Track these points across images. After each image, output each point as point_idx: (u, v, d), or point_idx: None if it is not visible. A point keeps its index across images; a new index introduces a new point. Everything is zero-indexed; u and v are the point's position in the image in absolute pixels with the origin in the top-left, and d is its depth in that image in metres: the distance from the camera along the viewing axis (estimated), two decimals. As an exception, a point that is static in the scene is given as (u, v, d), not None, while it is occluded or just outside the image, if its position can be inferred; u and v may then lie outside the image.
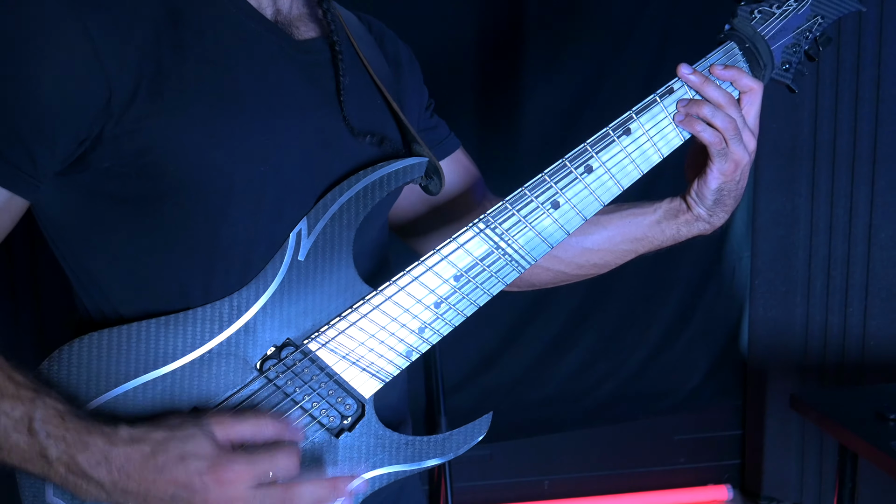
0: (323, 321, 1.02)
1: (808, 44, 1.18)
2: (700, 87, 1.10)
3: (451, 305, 1.05)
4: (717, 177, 1.12)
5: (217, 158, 0.96)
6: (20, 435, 0.87)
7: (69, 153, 0.93)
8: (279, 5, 1.06)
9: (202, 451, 0.88)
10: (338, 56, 1.08)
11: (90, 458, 0.87)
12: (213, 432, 0.90)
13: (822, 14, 1.16)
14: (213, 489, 0.88)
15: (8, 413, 0.87)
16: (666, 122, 1.11)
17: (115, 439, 0.88)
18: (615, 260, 1.27)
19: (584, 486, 3.09)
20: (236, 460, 0.89)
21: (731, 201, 1.16)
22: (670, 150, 1.12)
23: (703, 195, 1.15)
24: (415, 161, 1.06)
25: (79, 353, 0.96)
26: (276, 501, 0.91)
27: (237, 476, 0.89)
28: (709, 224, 1.19)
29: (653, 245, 1.23)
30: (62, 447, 0.87)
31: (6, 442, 0.87)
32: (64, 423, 0.88)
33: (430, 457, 1.06)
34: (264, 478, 0.90)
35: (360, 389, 1.03)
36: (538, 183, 1.07)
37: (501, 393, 2.91)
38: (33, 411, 0.88)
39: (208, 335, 0.98)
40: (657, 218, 1.21)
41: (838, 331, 2.98)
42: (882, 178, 2.89)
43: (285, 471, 0.92)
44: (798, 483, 3.07)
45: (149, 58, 0.93)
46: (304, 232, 1.01)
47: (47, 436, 0.87)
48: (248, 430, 0.93)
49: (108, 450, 0.87)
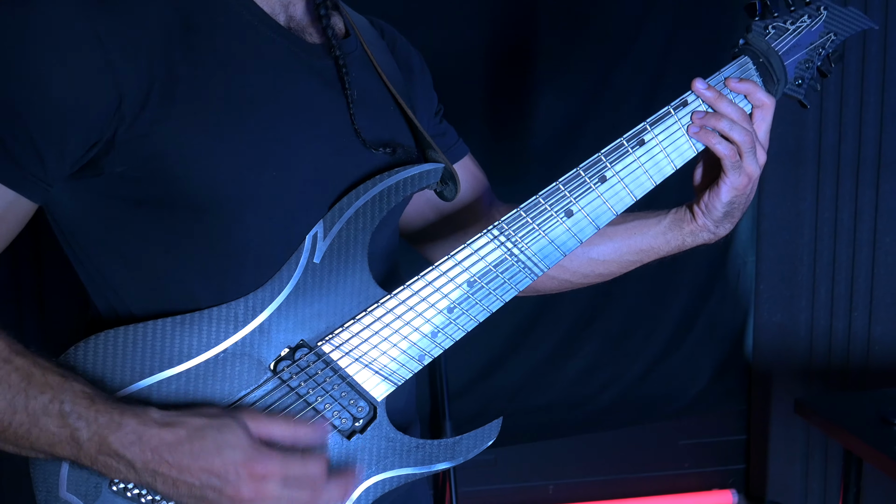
0: (337, 323, 1.02)
1: (820, 60, 1.19)
2: (714, 102, 1.10)
3: (464, 311, 1.05)
4: (729, 190, 1.13)
5: (229, 163, 0.96)
6: (49, 419, 0.88)
7: (79, 157, 0.94)
8: (291, 11, 1.07)
9: (239, 442, 0.89)
10: (342, 70, 1.08)
11: (123, 437, 0.88)
12: (249, 427, 0.91)
13: (835, 31, 1.17)
14: (246, 481, 0.89)
15: (37, 397, 0.88)
16: (680, 134, 1.11)
17: (147, 420, 0.89)
18: (620, 270, 1.27)
19: (589, 491, 3.09)
20: (272, 456, 0.90)
21: (738, 213, 1.17)
22: (684, 162, 1.12)
23: (713, 207, 1.15)
24: (431, 167, 1.07)
25: (94, 350, 0.97)
26: (304, 501, 0.92)
27: (270, 472, 0.90)
28: (714, 234, 1.19)
29: (657, 255, 1.24)
30: (94, 428, 0.88)
31: (35, 427, 0.88)
32: (94, 405, 0.89)
33: (440, 460, 1.07)
34: (295, 475, 0.91)
35: (372, 392, 1.04)
36: (552, 191, 1.07)
37: (506, 397, 2.90)
38: (62, 395, 0.88)
39: (223, 335, 0.99)
40: (662, 229, 1.21)
41: (843, 335, 2.98)
42: (887, 183, 2.89)
43: (315, 475, 0.93)
44: (803, 488, 3.07)
45: (161, 62, 0.94)
46: (320, 235, 1.02)
47: (78, 417, 0.88)
48: (279, 431, 0.94)
49: (141, 430, 0.88)
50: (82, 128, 0.92)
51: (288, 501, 0.91)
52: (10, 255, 1.00)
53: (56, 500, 0.96)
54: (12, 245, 0.98)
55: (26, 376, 0.89)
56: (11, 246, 0.98)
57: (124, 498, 0.96)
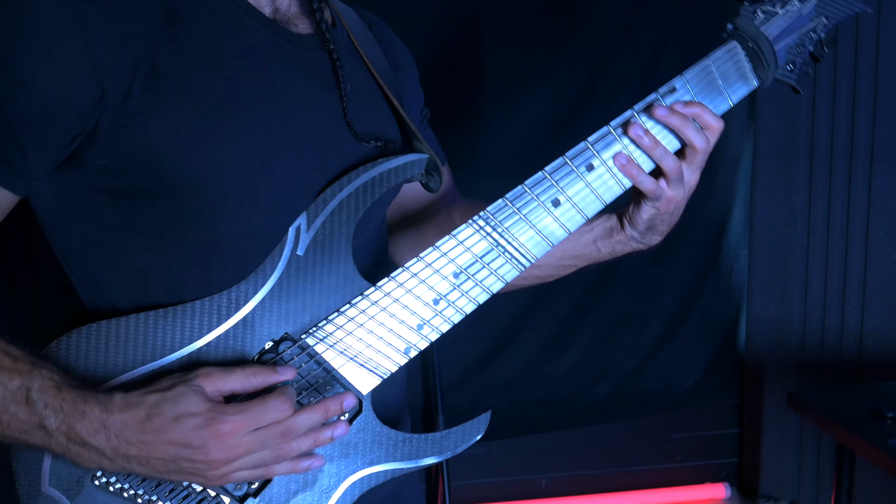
0: (321, 316, 1.01)
1: (812, 44, 1.16)
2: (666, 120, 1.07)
3: (450, 303, 1.05)
4: (650, 209, 1.11)
5: (212, 155, 0.96)
6: (18, 406, 0.88)
7: (62, 149, 0.93)
8: (277, 4, 1.06)
9: (194, 408, 0.89)
10: (335, 61, 1.07)
11: (88, 426, 0.88)
12: (203, 387, 0.91)
13: (827, 14, 1.15)
14: (212, 443, 0.89)
15: (6, 384, 0.88)
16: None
17: (110, 406, 0.89)
18: (556, 273, 1.25)
19: (582, 485, 3.09)
20: (230, 411, 0.90)
21: (664, 227, 1.15)
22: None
23: (635, 221, 1.13)
24: (415, 157, 1.06)
25: (77, 344, 0.96)
26: (275, 437, 0.92)
27: (233, 427, 0.90)
28: (642, 244, 1.17)
29: (591, 261, 1.22)
30: (60, 417, 0.88)
31: (4, 413, 0.89)
32: (60, 393, 0.89)
33: (428, 455, 1.06)
34: (260, 422, 0.91)
35: (357, 385, 1.03)
36: (538, 180, 1.06)
37: (499, 391, 2.90)
38: (30, 382, 0.89)
39: (206, 328, 0.98)
40: (593, 237, 1.19)
41: (836, 329, 2.98)
42: (879, 177, 2.89)
43: (280, 412, 0.93)
44: (795, 481, 3.07)
45: (144, 54, 0.93)
46: (303, 227, 1.01)
47: (45, 406, 0.88)
48: (237, 382, 0.94)
49: (104, 417, 0.88)
50: (65, 119, 0.91)
51: (262, 446, 0.91)
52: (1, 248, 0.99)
53: (38, 494, 0.95)
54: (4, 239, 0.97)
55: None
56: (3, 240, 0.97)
57: (106, 492, 0.96)
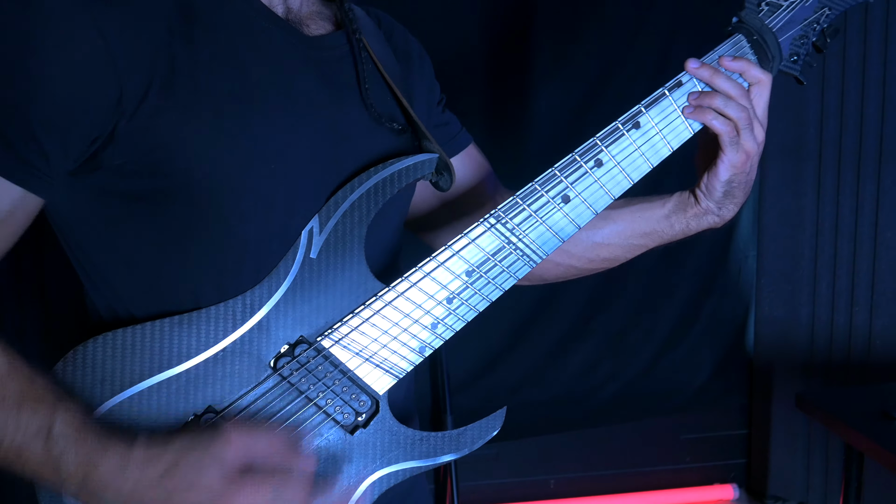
0: (336, 318, 1.02)
1: (815, 35, 1.17)
2: (710, 80, 1.10)
3: (463, 301, 1.05)
4: (728, 168, 1.12)
5: (227, 156, 0.96)
6: (37, 443, 0.87)
7: (82, 151, 0.93)
8: (290, 4, 1.06)
9: (208, 482, 0.87)
10: (357, 45, 1.08)
11: (102, 476, 0.87)
12: (224, 458, 0.89)
13: (830, 5, 1.16)
14: None
15: (28, 423, 0.87)
16: (675, 115, 1.11)
17: (128, 459, 0.87)
18: (625, 254, 1.26)
19: (590, 486, 3.09)
20: (242, 492, 0.88)
21: (740, 193, 1.16)
22: (680, 143, 1.12)
23: (713, 187, 1.14)
24: (425, 157, 1.07)
25: (93, 353, 0.96)
26: None
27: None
28: (718, 217, 1.18)
29: (663, 239, 1.23)
30: (76, 462, 0.87)
31: (25, 449, 0.87)
32: (79, 436, 0.88)
33: (445, 452, 1.06)
34: None
35: (374, 386, 1.03)
36: (548, 178, 1.07)
37: (507, 392, 2.90)
38: (52, 422, 0.87)
39: (222, 334, 0.98)
40: (666, 212, 1.21)
41: (844, 330, 2.98)
42: (888, 178, 2.89)
43: (297, 496, 0.91)
44: (804, 482, 3.07)
45: (161, 54, 0.93)
46: (315, 229, 1.01)
47: (63, 451, 0.87)
48: (261, 450, 0.91)
49: (121, 470, 0.87)
50: (85, 122, 0.91)
51: None
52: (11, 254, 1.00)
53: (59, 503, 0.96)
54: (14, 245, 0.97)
55: (20, 398, 0.88)
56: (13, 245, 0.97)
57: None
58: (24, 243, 0.98)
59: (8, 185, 0.91)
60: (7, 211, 0.92)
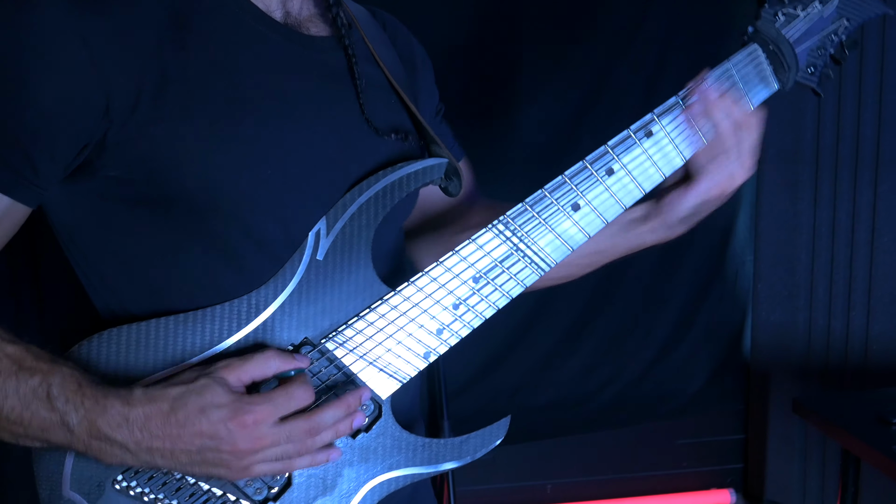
0: (341, 321, 1.01)
1: (833, 47, 1.17)
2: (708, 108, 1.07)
3: (469, 307, 1.05)
4: (699, 194, 1.09)
5: (222, 164, 0.95)
6: (39, 403, 0.88)
7: (70, 160, 0.93)
8: (288, 7, 1.06)
9: (220, 399, 0.89)
10: (352, 60, 1.07)
11: (110, 420, 0.88)
12: (226, 379, 0.91)
13: (848, 17, 1.15)
14: (239, 434, 0.89)
15: (26, 381, 0.88)
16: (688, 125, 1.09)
17: (131, 400, 0.89)
18: (577, 272, 1.23)
19: (587, 490, 3.08)
20: (255, 402, 0.90)
21: (697, 219, 1.13)
22: (693, 153, 1.10)
23: (677, 208, 1.11)
24: (435, 162, 1.06)
25: (97, 349, 0.96)
26: (302, 431, 0.93)
27: (260, 417, 0.90)
28: (667, 235, 1.15)
29: (612, 256, 1.19)
30: (81, 413, 0.88)
31: (27, 411, 0.88)
32: (81, 389, 0.89)
33: (447, 460, 1.06)
34: (285, 411, 0.92)
35: (377, 390, 1.03)
36: (558, 184, 1.06)
37: (504, 397, 2.90)
38: (51, 379, 0.89)
39: (227, 333, 0.98)
40: (616, 229, 1.16)
41: (841, 335, 2.98)
42: (885, 182, 2.89)
43: (303, 400, 0.93)
44: (801, 487, 3.07)
45: (152, 63, 0.93)
46: (322, 231, 1.01)
47: (66, 402, 0.88)
48: (257, 369, 0.94)
49: (126, 411, 0.88)
50: (71, 131, 0.91)
51: (288, 436, 0.92)
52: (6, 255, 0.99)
53: (59, 498, 0.95)
54: (9, 245, 0.97)
55: (17, 361, 0.89)
56: (8, 246, 0.97)
57: (127, 496, 0.95)
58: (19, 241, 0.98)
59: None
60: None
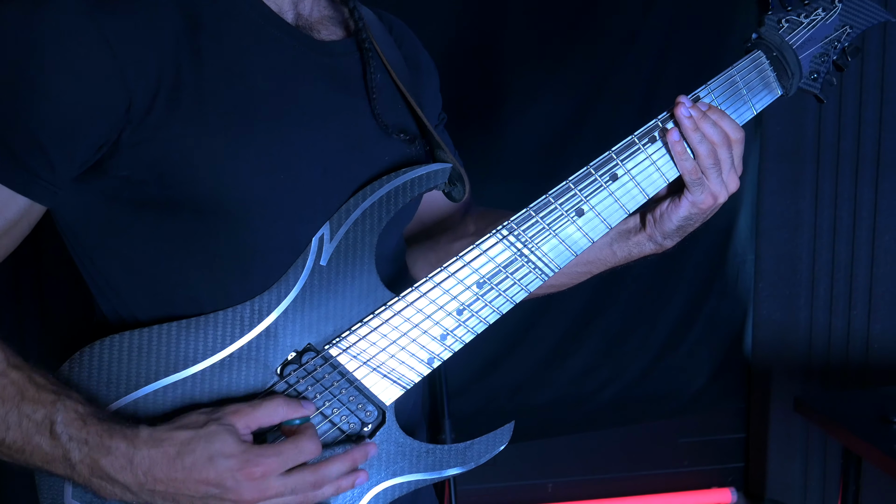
0: (344, 326, 1.01)
1: (836, 54, 1.17)
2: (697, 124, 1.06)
3: (473, 312, 1.04)
4: (689, 206, 1.09)
5: (233, 168, 0.95)
6: (42, 437, 0.88)
7: (87, 159, 0.93)
8: (300, 9, 1.05)
9: (229, 449, 0.89)
10: (367, 54, 1.07)
11: (113, 461, 0.87)
12: (235, 426, 0.91)
13: (851, 24, 1.16)
14: (246, 485, 0.88)
15: (30, 416, 0.88)
16: None
17: (136, 442, 0.88)
18: (569, 282, 1.23)
19: (588, 489, 3.08)
20: (265, 454, 0.90)
21: (690, 230, 1.13)
22: None
23: (668, 219, 1.11)
24: (439, 167, 1.06)
25: (99, 355, 0.96)
26: (307, 483, 0.92)
27: (268, 469, 0.89)
28: (660, 246, 1.15)
29: (605, 266, 1.20)
30: (84, 450, 0.87)
31: (28, 444, 0.88)
32: (85, 426, 0.88)
33: (451, 466, 1.05)
34: (292, 464, 0.91)
35: (380, 396, 1.02)
36: (562, 190, 1.06)
37: (505, 396, 2.90)
38: (55, 414, 0.88)
39: (229, 339, 0.98)
40: (608, 240, 1.16)
41: (842, 334, 2.98)
42: (886, 181, 2.89)
43: (311, 454, 0.92)
44: (802, 486, 3.07)
45: (168, 65, 0.93)
46: (326, 237, 1.01)
47: (69, 439, 0.87)
48: (265, 416, 0.93)
49: (131, 453, 0.87)
50: (92, 132, 0.91)
51: (293, 489, 0.91)
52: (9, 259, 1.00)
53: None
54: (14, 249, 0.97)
55: (20, 391, 0.88)
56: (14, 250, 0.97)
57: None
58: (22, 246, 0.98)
59: (15, 196, 0.91)
60: (13, 220, 0.92)
